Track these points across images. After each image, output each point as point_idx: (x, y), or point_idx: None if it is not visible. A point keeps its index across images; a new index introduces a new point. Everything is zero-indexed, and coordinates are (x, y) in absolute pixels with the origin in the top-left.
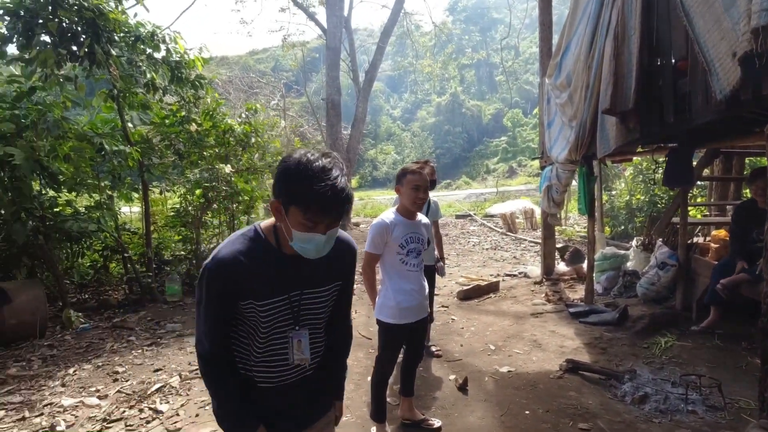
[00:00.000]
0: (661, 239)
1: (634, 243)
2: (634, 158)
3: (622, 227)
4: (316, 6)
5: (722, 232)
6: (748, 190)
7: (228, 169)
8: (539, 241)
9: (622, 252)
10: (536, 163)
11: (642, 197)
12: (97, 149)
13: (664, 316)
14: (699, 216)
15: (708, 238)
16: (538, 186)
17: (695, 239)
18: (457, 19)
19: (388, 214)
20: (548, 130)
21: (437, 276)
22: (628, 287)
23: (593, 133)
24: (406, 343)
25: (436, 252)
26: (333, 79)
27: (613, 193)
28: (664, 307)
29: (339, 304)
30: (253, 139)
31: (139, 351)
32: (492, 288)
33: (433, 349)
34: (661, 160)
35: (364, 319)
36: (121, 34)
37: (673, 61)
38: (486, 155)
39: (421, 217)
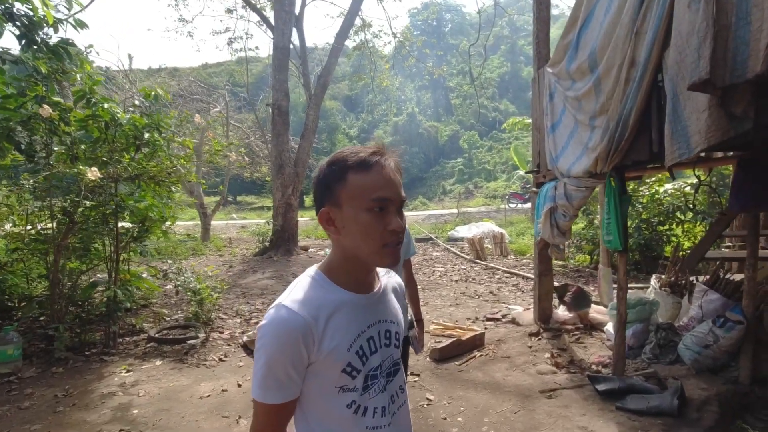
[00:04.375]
0: (698, 279)
1: (653, 282)
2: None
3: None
4: (267, 10)
5: None
6: None
7: (92, 174)
8: (515, 271)
9: (651, 297)
10: (494, 184)
11: (629, 222)
12: None
13: (735, 397)
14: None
15: None
16: (535, 208)
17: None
18: (413, 44)
19: (309, 290)
20: (552, 135)
21: (410, 351)
22: (664, 346)
23: (639, 132)
24: None
25: (409, 311)
26: (280, 83)
27: (590, 216)
28: (725, 380)
29: None
30: (147, 135)
31: None
32: (476, 342)
33: None
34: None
35: None
36: None
37: None
38: (443, 176)
39: (388, 279)
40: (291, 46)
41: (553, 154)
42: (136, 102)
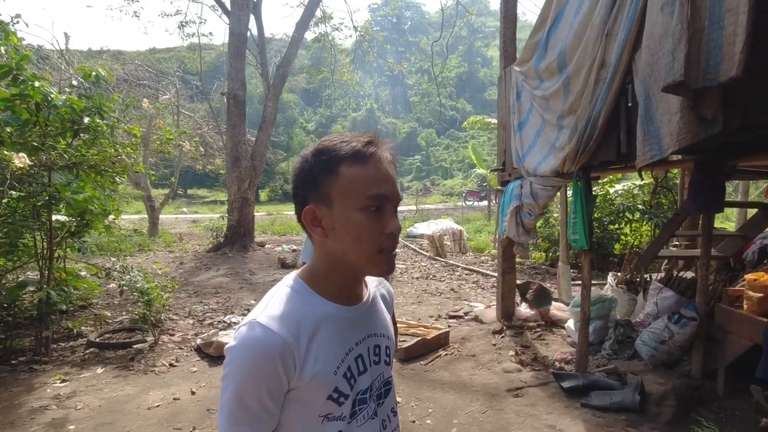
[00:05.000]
0: (651, 277)
1: (610, 280)
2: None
3: (558, 254)
4: None
5: (764, 277)
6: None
7: (20, 161)
8: (475, 268)
9: (610, 295)
10: (451, 182)
11: None
12: None
13: (689, 391)
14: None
15: (742, 283)
16: (499, 206)
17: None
18: (374, 39)
19: (288, 302)
20: (518, 133)
21: None
22: (622, 342)
23: (607, 132)
24: None
25: None
26: (237, 71)
27: (546, 214)
28: (679, 374)
29: None
30: (87, 119)
31: None
32: (441, 341)
33: None
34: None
35: None
36: None
37: None
38: (401, 173)
39: (377, 287)
40: (248, 33)
41: (519, 153)
42: (74, 82)
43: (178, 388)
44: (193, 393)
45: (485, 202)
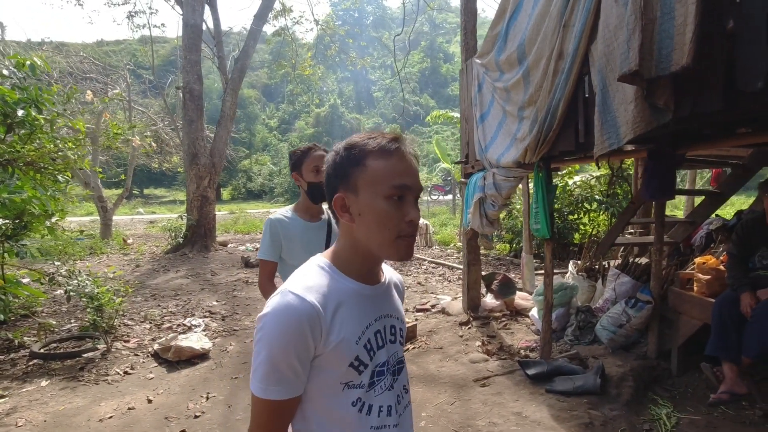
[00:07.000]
0: (609, 264)
1: (570, 267)
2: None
3: (521, 245)
4: None
5: (711, 260)
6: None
7: None
8: (441, 261)
9: (571, 282)
10: None
11: None
12: None
13: (646, 371)
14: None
15: (692, 266)
16: (459, 199)
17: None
18: (336, 33)
19: (316, 277)
20: (481, 125)
21: None
22: (583, 328)
23: (566, 122)
24: None
25: None
26: (192, 64)
27: (509, 206)
28: (636, 356)
29: None
30: (21, 112)
31: None
32: (408, 335)
33: None
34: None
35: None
36: None
37: None
38: None
39: (391, 274)
40: (204, 26)
41: (482, 145)
42: (5, 72)
43: (134, 396)
44: (149, 401)
45: (450, 196)
